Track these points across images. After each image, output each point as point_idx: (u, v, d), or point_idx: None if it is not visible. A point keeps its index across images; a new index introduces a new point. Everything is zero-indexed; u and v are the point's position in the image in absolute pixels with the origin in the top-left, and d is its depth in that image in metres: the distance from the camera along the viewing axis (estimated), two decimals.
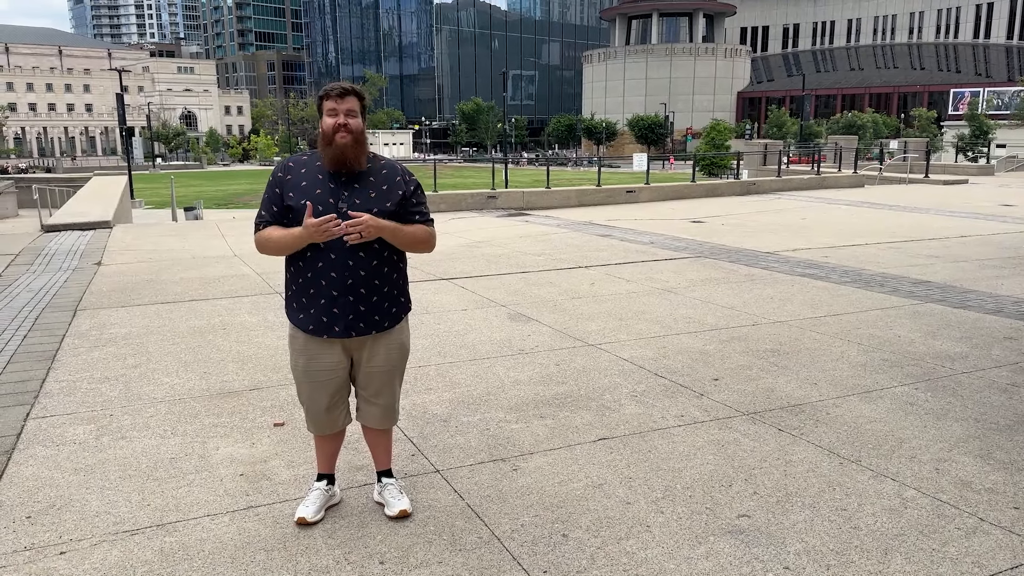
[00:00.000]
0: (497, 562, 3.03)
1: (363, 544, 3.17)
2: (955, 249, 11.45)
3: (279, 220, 3.13)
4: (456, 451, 4.13)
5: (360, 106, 3.10)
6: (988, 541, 3.19)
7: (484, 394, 5.05)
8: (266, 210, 3.16)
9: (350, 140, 3.03)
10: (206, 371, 5.56)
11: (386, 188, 3.12)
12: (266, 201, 3.18)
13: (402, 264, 3.29)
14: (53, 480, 3.78)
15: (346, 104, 3.05)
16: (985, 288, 8.54)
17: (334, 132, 3.02)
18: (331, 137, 3.02)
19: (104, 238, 13.24)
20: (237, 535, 3.24)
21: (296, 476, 3.81)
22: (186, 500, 3.56)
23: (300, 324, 3.18)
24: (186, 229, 16.10)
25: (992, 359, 5.81)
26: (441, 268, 9.77)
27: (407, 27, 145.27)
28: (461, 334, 6.51)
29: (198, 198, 33.62)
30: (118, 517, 3.40)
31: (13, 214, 26.19)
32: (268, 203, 3.16)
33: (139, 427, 4.48)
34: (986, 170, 37.49)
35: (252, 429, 4.44)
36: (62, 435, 4.35)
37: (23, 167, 75.19)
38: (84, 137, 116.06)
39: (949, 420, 4.55)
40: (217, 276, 9.44)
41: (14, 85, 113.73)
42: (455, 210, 18.44)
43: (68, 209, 18.22)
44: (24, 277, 9.69)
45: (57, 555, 3.10)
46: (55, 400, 4.95)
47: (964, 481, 3.75)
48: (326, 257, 3.05)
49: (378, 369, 3.27)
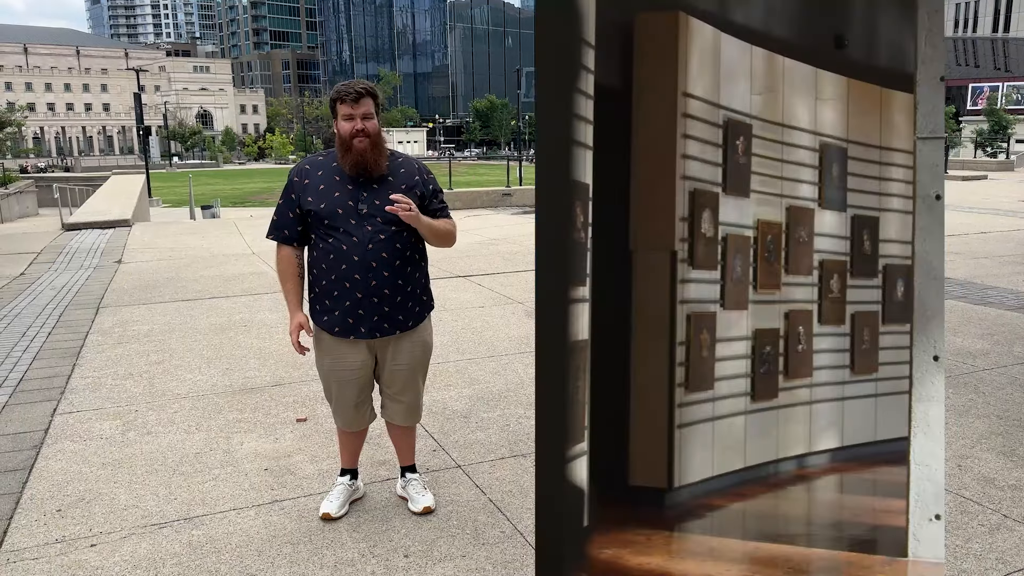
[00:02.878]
0: (521, 556, 3.06)
1: (387, 538, 3.21)
2: (975, 245, 11.36)
3: (295, 226, 3.16)
4: (477, 447, 4.16)
5: (375, 105, 3.11)
6: (1012, 538, 3.18)
7: (503, 390, 5.07)
8: (280, 216, 3.20)
9: (368, 144, 3.03)
10: (228, 367, 5.63)
11: (404, 188, 3.12)
12: (281, 207, 3.20)
13: (424, 263, 3.31)
14: (81, 474, 3.85)
15: (362, 108, 3.03)
16: (1006, 284, 8.47)
17: (352, 138, 3.02)
18: (349, 143, 3.03)
19: (124, 236, 13.38)
20: (263, 528, 3.29)
21: (320, 471, 3.86)
22: (212, 494, 3.62)
23: (325, 326, 3.20)
24: (204, 227, 16.24)
25: (1014, 356, 5.77)
26: (458, 266, 9.80)
27: (421, 25, 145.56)
28: (479, 331, 6.54)
29: (215, 196, 33.85)
30: (146, 511, 3.46)
31: (34, 213, 26.52)
32: (284, 209, 3.18)
33: (164, 422, 4.54)
34: (1006, 166, 37.12)
35: (275, 425, 4.49)
36: (89, 430, 4.42)
37: (42, 166, 76.01)
38: (102, 136, 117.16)
39: (971, 417, 4.54)
40: (236, 274, 9.53)
41: (33, 85, 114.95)
42: (470, 207, 18.49)
43: (88, 208, 18.43)
44: (47, 275, 9.82)
45: (88, 547, 3.15)
46: (81, 396, 5.02)
47: (987, 478, 3.74)
48: (349, 259, 3.06)
49: (402, 367, 3.29)
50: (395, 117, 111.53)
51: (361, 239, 3.04)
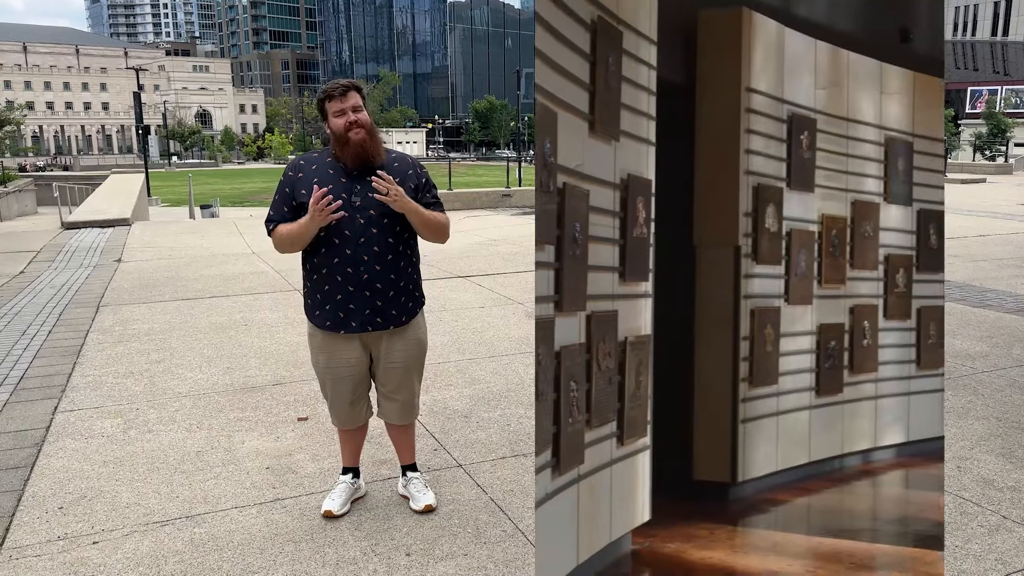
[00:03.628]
0: (522, 555, 3.07)
1: (389, 536, 3.22)
2: (974, 248, 11.39)
3: (290, 220, 3.17)
4: (478, 446, 4.17)
5: (361, 98, 3.15)
6: (1011, 538, 3.19)
7: (504, 390, 5.08)
8: (276, 211, 3.21)
9: (365, 135, 3.08)
10: (229, 366, 5.63)
11: (399, 180, 3.15)
12: (277, 202, 3.22)
13: (415, 259, 3.33)
14: (83, 472, 3.85)
15: (350, 101, 3.08)
16: (1005, 287, 8.49)
17: (347, 131, 3.06)
18: (345, 136, 3.07)
19: (123, 235, 13.38)
20: (265, 527, 3.30)
21: (321, 469, 3.87)
22: (214, 492, 3.62)
23: (317, 321, 3.22)
24: (204, 227, 16.23)
25: (1013, 358, 5.79)
26: (457, 266, 9.81)
27: (421, 26, 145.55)
28: (479, 331, 6.55)
29: (214, 196, 33.82)
30: (148, 508, 3.47)
31: (33, 211, 26.50)
32: (279, 204, 3.21)
33: (165, 421, 4.55)
34: (1004, 169, 37.18)
35: (276, 423, 4.50)
36: (90, 428, 4.43)
37: (41, 165, 75.93)
38: (101, 135, 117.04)
39: (970, 419, 4.55)
40: (236, 273, 9.53)
41: (32, 84, 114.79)
42: (469, 208, 18.51)
43: (87, 206, 18.43)
44: (47, 273, 9.82)
45: (90, 544, 3.16)
46: (82, 394, 5.03)
47: (986, 479, 3.75)
48: (341, 253, 3.09)
49: (396, 364, 3.30)
50: (394, 117, 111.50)
51: (353, 233, 3.07)
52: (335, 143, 3.12)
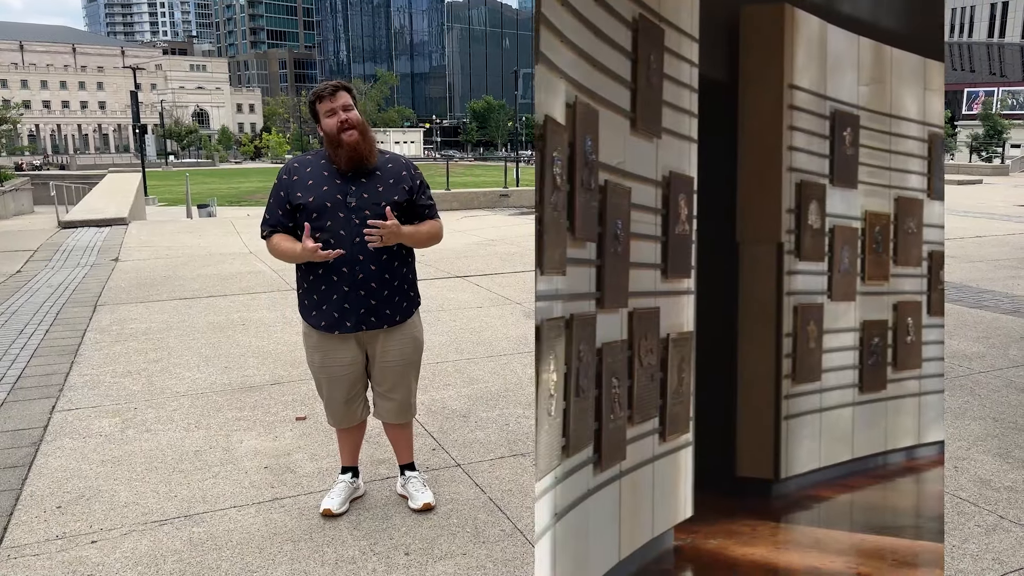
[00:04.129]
0: (521, 554, 3.07)
1: (388, 536, 3.22)
2: (970, 249, 11.41)
3: (286, 222, 3.18)
4: (476, 446, 4.18)
5: (352, 97, 3.15)
6: (1008, 538, 3.21)
7: (502, 390, 5.09)
8: (271, 214, 3.21)
9: (357, 136, 3.08)
10: (227, 366, 5.63)
11: (392, 181, 3.17)
12: (272, 205, 3.22)
13: (411, 259, 3.33)
14: (81, 471, 3.85)
15: (340, 101, 3.09)
16: (1001, 288, 8.52)
17: (339, 132, 3.06)
18: (338, 138, 3.07)
19: (120, 234, 13.37)
20: (264, 526, 3.30)
21: (320, 469, 3.87)
22: (212, 492, 3.62)
23: (312, 321, 3.23)
24: (201, 226, 16.22)
25: (1009, 359, 5.81)
26: (455, 266, 9.82)
27: (418, 25, 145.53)
28: (477, 331, 6.55)
29: (211, 195, 33.79)
30: (146, 508, 3.46)
31: (29, 210, 26.43)
32: (274, 207, 3.21)
33: (163, 420, 4.55)
34: (1000, 170, 37.28)
35: (274, 423, 4.50)
36: (88, 427, 4.42)
37: (37, 164, 75.76)
38: (97, 134, 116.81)
39: (967, 419, 4.57)
40: (233, 272, 9.52)
41: (28, 83, 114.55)
42: (467, 208, 18.51)
43: (84, 206, 18.40)
44: (43, 273, 9.81)
45: (88, 544, 3.16)
46: (80, 393, 5.02)
47: (983, 479, 3.76)
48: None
49: (392, 364, 3.31)
50: (392, 117, 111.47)
51: (348, 233, 3.08)
52: (328, 145, 3.13)
